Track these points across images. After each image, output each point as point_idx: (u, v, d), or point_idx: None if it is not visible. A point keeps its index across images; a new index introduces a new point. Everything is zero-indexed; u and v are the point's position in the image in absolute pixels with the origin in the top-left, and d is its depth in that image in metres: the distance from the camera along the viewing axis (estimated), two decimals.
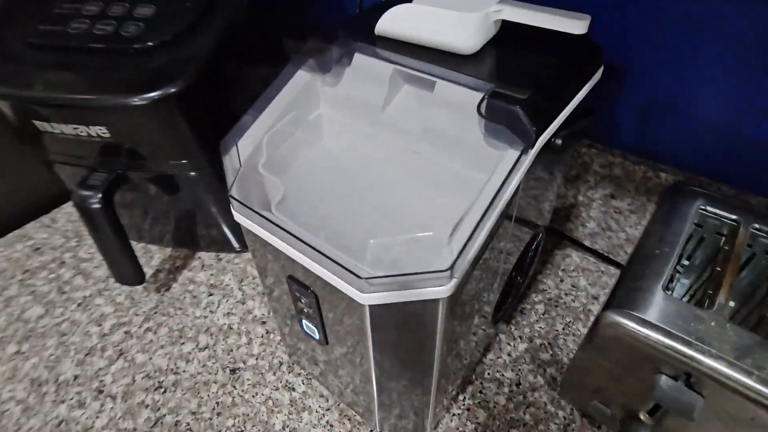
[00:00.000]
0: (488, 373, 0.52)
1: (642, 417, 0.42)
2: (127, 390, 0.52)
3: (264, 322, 0.58)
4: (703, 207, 0.46)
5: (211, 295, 0.61)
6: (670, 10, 0.47)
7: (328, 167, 0.41)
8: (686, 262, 0.49)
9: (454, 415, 0.49)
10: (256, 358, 0.54)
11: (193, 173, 0.52)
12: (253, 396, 0.51)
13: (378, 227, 0.35)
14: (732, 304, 0.44)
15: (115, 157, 0.50)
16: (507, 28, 0.37)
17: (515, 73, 0.34)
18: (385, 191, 0.39)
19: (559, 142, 0.33)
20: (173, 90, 0.43)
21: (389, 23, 0.37)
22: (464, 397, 0.50)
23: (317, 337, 0.40)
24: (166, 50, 0.45)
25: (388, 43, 0.38)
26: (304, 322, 0.40)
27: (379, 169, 0.40)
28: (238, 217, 0.36)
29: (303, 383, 0.52)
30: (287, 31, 0.75)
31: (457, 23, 0.33)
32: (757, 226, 0.44)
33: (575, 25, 0.31)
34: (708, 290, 0.41)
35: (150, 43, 0.45)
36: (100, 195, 0.49)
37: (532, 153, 0.31)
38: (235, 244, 0.65)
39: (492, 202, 0.29)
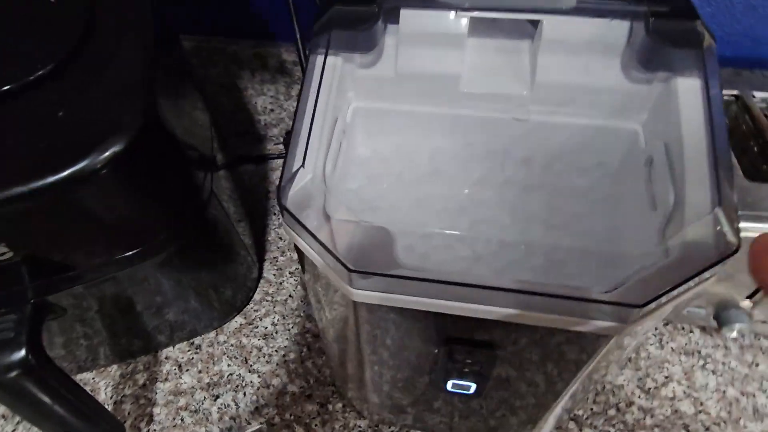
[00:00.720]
0: None
1: (742, 304, 0.43)
2: None
3: (309, 396, 0.45)
4: None
5: (217, 398, 0.45)
6: None
7: (414, 179, 0.30)
8: None
9: None
10: None
11: (148, 260, 0.34)
12: None
13: (549, 237, 0.27)
14: None
15: (18, 285, 0.30)
16: None
17: None
18: (509, 185, 0.30)
19: None
20: (118, 147, 0.25)
21: None
22: None
23: (471, 392, 0.31)
24: (63, 84, 0.27)
25: None
26: (453, 382, 0.30)
27: (480, 157, 0.30)
28: (367, 297, 0.23)
29: None
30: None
31: None
32: (753, 94, 0.47)
33: None
34: (763, 167, 0.42)
35: (28, 78, 0.26)
36: (22, 353, 0.29)
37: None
38: (214, 321, 0.48)
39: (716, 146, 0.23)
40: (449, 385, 0.31)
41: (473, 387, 0.30)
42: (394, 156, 0.31)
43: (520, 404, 0.34)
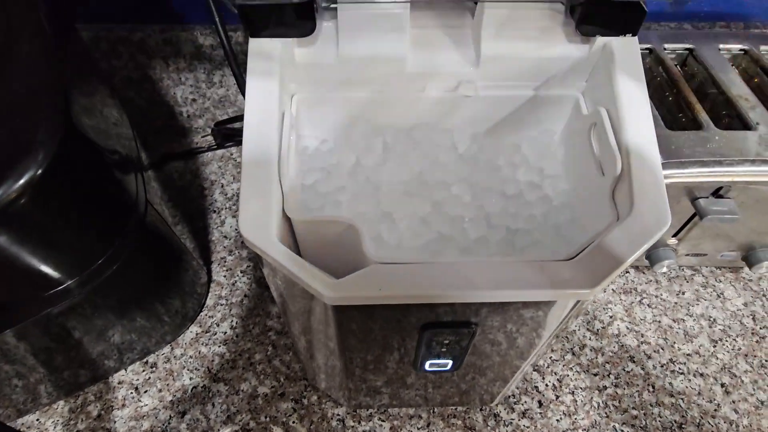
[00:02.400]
0: None
1: (669, 242, 0.48)
2: None
3: (282, 394, 0.44)
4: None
5: (184, 414, 0.42)
6: None
7: (370, 166, 0.29)
8: None
9: None
10: None
11: (87, 288, 0.31)
12: None
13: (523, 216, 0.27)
14: None
15: None
16: None
17: None
18: (463, 162, 0.30)
19: None
20: (37, 170, 0.22)
21: None
22: None
23: (448, 369, 0.32)
24: None
25: None
26: (431, 362, 0.31)
27: (433, 136, 0.30)
28: (345, 300, 0.22)
29: (382, 420, 0.43)
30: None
31: None
32: (665, 47, 0.50)
33: None
34: (679, 116, 0.46)
35: None
36: None
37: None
38: (167, 335, 0.45)
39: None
40: (427, 366, 0.31)
41: (450, 363, 0.31)
42: (345, 145, 0.30)
43: (492, 369, 0.36)
